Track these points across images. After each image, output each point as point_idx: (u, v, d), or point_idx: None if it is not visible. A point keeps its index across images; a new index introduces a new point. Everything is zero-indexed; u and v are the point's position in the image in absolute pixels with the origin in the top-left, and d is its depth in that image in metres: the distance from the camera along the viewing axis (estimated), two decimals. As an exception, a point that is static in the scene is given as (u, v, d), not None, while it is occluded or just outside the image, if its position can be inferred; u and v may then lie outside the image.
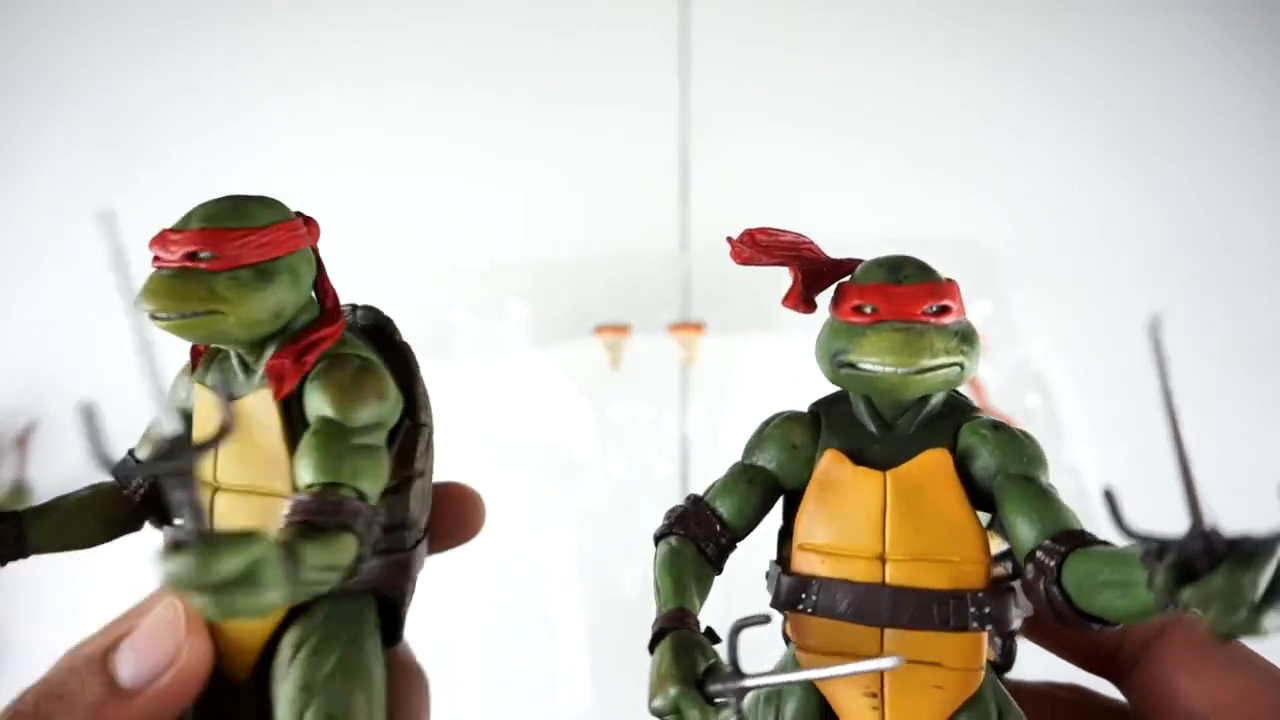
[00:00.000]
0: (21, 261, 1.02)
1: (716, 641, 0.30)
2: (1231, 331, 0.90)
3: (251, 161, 1.02)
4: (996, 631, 0.31)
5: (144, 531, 0.37)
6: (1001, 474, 0.31)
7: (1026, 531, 0.29)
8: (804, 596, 0.32)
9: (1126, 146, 0.96)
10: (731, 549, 0.34)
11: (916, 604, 0.30)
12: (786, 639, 0.34)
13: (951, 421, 0.33)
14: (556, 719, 0.81)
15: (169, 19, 1.06)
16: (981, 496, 0.32)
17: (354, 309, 0.41)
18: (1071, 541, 0.28)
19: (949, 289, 0.32)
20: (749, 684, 0.27)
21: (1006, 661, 0.35)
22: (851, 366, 0.31)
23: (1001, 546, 0.32)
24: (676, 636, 0.29)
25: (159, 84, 1.05)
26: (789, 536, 0.34)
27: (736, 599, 0.36)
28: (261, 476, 0.34)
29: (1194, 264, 0.93)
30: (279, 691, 0.31)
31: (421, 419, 0.37)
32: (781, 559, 0.34)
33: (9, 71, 1.06)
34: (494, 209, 0.98)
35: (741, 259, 0.35)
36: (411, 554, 0.36)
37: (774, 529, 0.35)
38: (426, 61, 1.02)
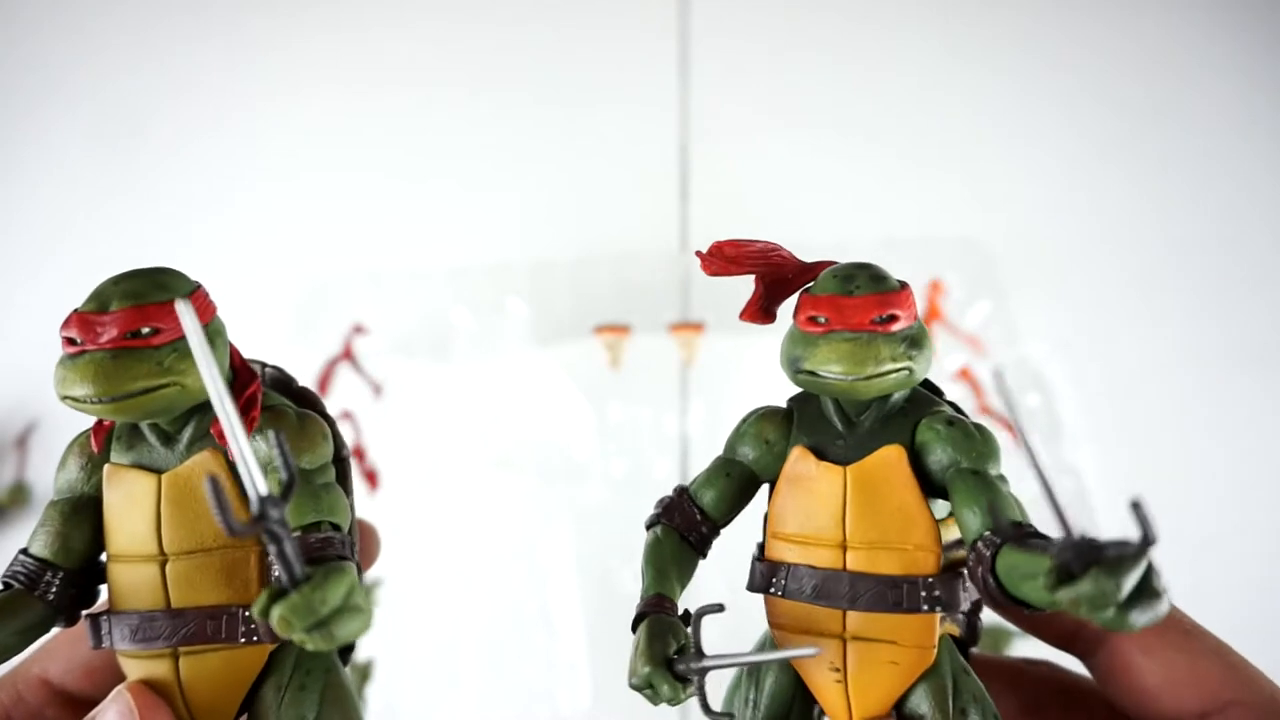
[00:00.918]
0: (21, 261, 1.02)
1: (690, 624, 0.34)
2: (1231, 331, 0.90)
3: (251, 162, 1.02)
4: (946, 613, 0.34)
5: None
6: (953, 467, 0.33)
7: (972, 521, 0.32)
8: (775, 580, 0.35)
9: (1126, 147, 0.96)
10: (714, 535, 0.38)
11: (873, 588, 0.33)
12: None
13: (911, 418, 0.35)
14: (556, 719, 0.81)
15: (169, 20, 1.06)
16: (938, 488, 0.34)
17: (262, 365, 0.41)
18: (1009, 533, 0.30)
19: (897, 298, 0.34)
20: (709, 664, 0.32)
21: (971, 637, 0.37)
22: (808, 373, 0.34)
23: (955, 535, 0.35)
24: (652, 621, 0.33)
25: (159, 84, 1.05)
26: (764, 532, 0.37)
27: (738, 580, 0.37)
28: (205, 538, 0.34)
29: (1193, 264, 0.93)
30: None
31: (344, 454, 0.40)
32: (761, 545, 0.37)
33: (9, 71, 1.06)
34: (494, 209, 0.98)
35: (711, 271, 0.37)
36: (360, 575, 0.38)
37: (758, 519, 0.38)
38: (426, 62, 1.02)
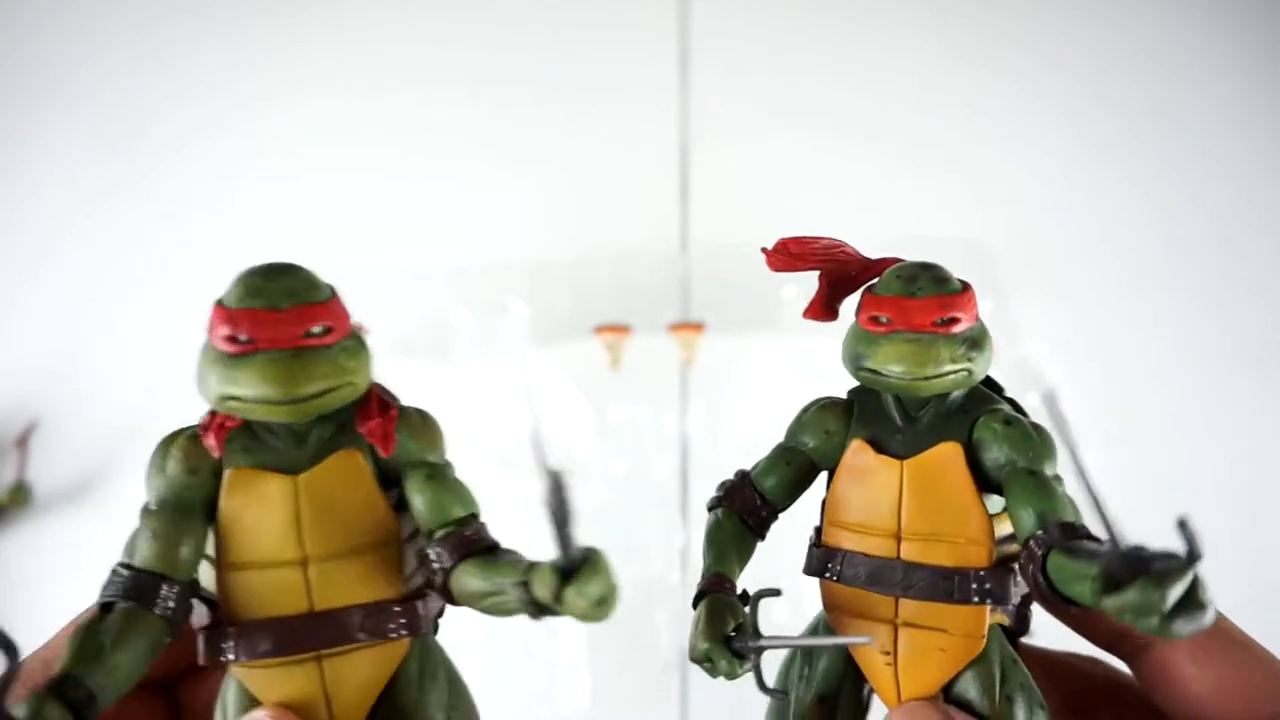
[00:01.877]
0: (22, 261, 1.02)
1: (748, 603, 0.35)
2: (1231, 332, 0.90)
3: (251, 161, 1.02)
4: (997, 605, 0.35)
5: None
6: (1010, 466, 0.34)
7: (1026, 520, 0.33)
8: (830, 565, 0.37)
9: (1127, 146, 0.96)
10: (773, 519, 0.39)
11: (926, 578, 0.35)
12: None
13: (970, 415, 0.36)
14: (556, 719, 0.81)
15: (169, 20, 1.06)
16: (993, 485, 0.35)
17: None
18: (1061, 532, 0.31)
19: (959, 300, 0.35)
20: (765, 644, 0.34)
21: (1021, 627, 0.38)
22: (869, 370, 0.35)
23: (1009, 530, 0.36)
24: (712, 599, 0.35)
25: (159, 84, 1.05)
26: (821, 519, 0.39)
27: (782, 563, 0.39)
28: (350, 537, 0.34)
29: (1193, 264, 0.93)
30: None
31: None
32: (818, 530, 0.39)
33: (8, 71, 1.06)
34: (494, 209, 0.98)
35: (775, 267, 0.38)
36: None
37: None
38: (426, 62, 1.02)
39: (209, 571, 0.34)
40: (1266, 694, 0.32)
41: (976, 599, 0.34)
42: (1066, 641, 0.40)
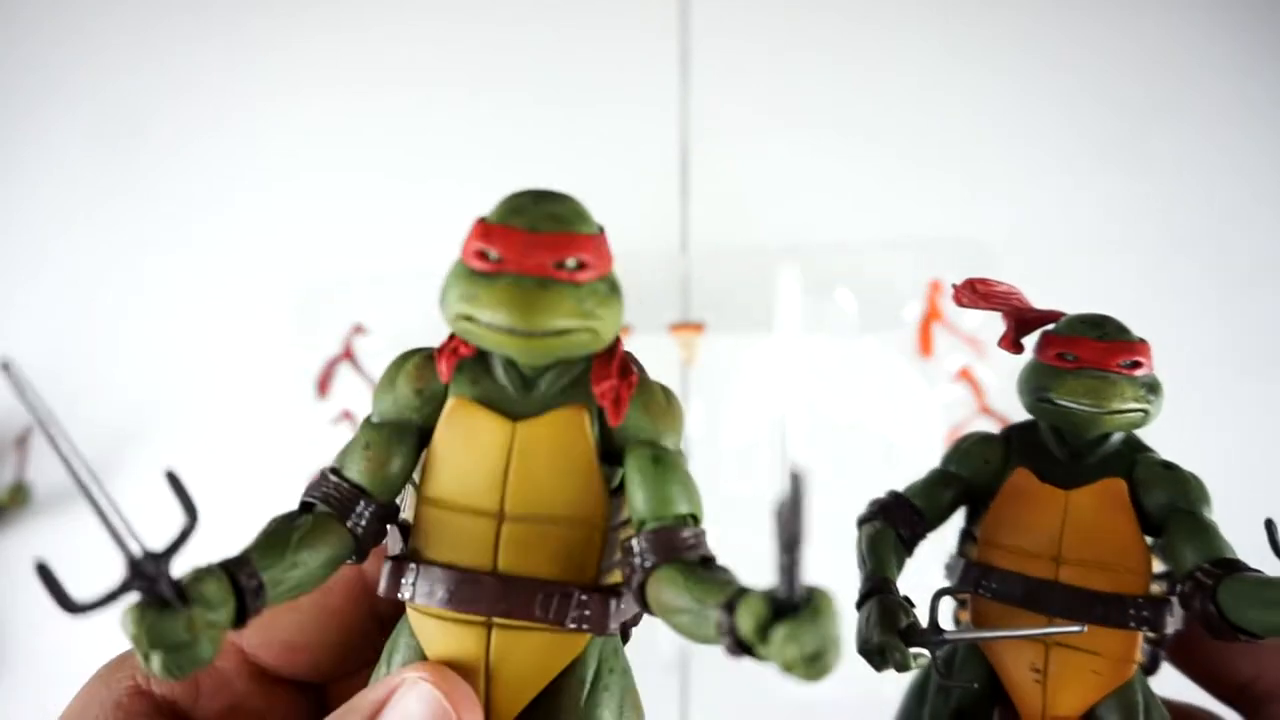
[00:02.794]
0: (21, 261, 1.02)
1: (912, 607, 0.37)
2: (1232, 332, 0.90)
3: (251, 162, 1.02)
4: (1151, 631, 0.37)
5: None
6: (1171, 506, 0.37)
7: (1189, 555, 0.35)
8: (984, 582, 0.39)
9: (1126, 146, 0.96)
10: (922, 537, 0.41)
11: (1083, 601, 0.37)
12: (955, 621, 0.42)
13: (1128, 457, 0.39)
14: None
15: (169, 20, 1.06)
16: (1149, 523, 0.38)
17: None
18: (1228, 567, 0.34)
19: (1142, 347, 0.38)
20: (952, 637, 0.36)
21: (1152, 666, 0.40)
22: (1049, 402, 0.38)
23: (1160, 569, 0.38)
24: (884, 599, 0.37)
25: (159, 84, 1.05)
26: (970, 536, 0.41)
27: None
28: (552, 504, 0.31)
29: (1194, 264, 0.93)
30: None
31: None
32: (963, 554, 0.41)
33: (9, 72, 1.06)
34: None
35: (961, 303, 0.41)
36: None
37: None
38: (426, 62, 1.02)
39: (413, 498, 0.32)
40: None
41: (1133, 624, 0.36)
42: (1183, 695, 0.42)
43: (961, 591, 0.40)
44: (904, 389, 0.88)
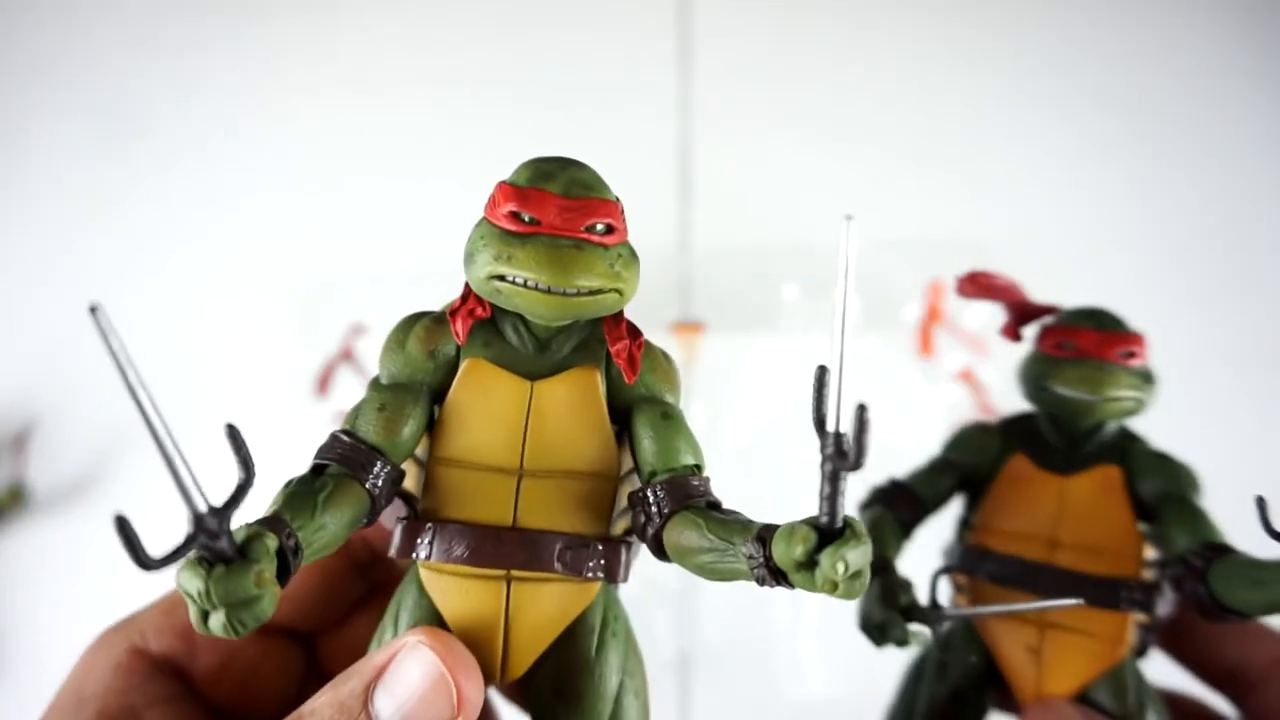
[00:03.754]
0: (23, 261, 1.02)
1: (911, 587, 0.38)
2: (1231, 331, 0.90)
3: (251, 163, 1.02)
4: (1143, 613, 0.38)
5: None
6: (1164, 493, 0.39)
7: (1182, 540, 0.37)
8: (982, 566, 0.40)
9: (1126, 146, 0.96)
10: (921, 521, 0.43)
11: (1077, 583, 0.38)
12: (953, 606, 0.42)
13: (1123, 446, 0.41)
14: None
15: (171, 23, 1.06)
16: (1143, 510, 0.39)
17: None
18: (1219, 550, 0.35)
19: (1137, 339, 0.39)
20: (953, 613, 0.37)
21: (1142, 649, 0.41)
22: (1048, 390, 0.39)
23: (1152, 555, 0.39)
24: (885, 577, 0.38)
25: (161, 86, 1.05)
26: (968, 522, 0.42)
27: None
28: (569, 459, 0.32)
29: (1194, 263, 0.93)
30: (588, 678, 0.32)
31: None
32: (961, 539, 0.42)
33: (11, 73, 1.06)
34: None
35: (964, 294, 0.43)
36: None
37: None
38: (426, 64, 1.02)
39: (412, 467, 0.32)
40: None
41: (1125, 606, 0.38)
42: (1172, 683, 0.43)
43: (960, 573, 0.42)
44: (904, 389, 0.88)
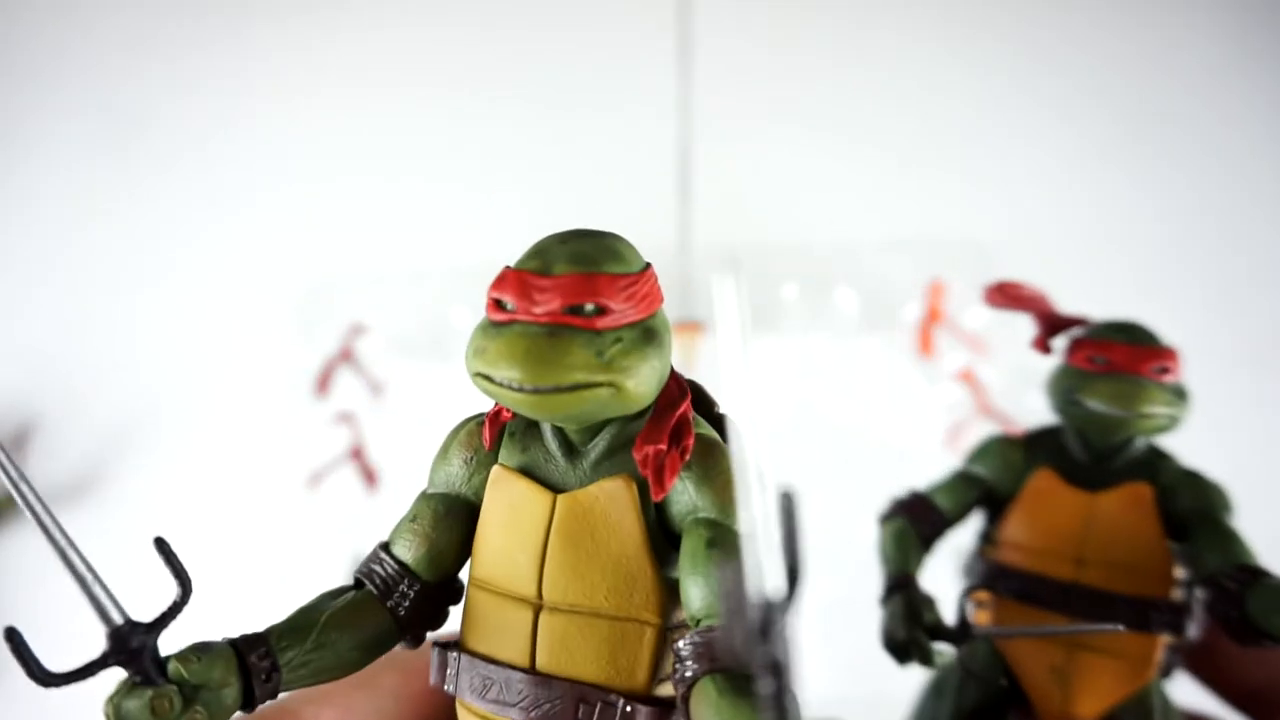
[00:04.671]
0: (24, 261, 1.02)
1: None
2: (1231, 331, 0.90)
3: (252, 163, 1.02)
4: (1174, 635, 0.37)
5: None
6: (1197, 513, 0.38)
7: (1214, 560, 0.36)
8: (1005, 583, 0.39)
9: (1126, 146, 0.96)
10: (941, 536, 0.42)
11: (1106, 603, 0.37)
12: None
13: (1153, 463, 0.40)
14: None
15: (172, 23, 1.05)
16: (1173, 529, 0.38)
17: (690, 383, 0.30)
18: (1252, 573, 0.34)
19: (1171, 355, 0.39)
20: (977, 634, 0.36)
21: (1166, 671, 0.41)
22: (1078, 404, 0.39)
23: (1180, 575, 0.39)
24: (909, 594, 0.37)
25: (162, 87, 1.05)
26: (989, 537, 0.42)
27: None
28: (593, 593, 0.26)
29: (1194, 263, 0.93)
30: None
31: None
32: (983, 554, 0.41)
33: (9, 71, 1.06)
34: (494, 210, 0.98)
35: (992, 304, 0.43)
36: None
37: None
38: (427, 65, 1.02)
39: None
40: None
41: (1157, 628, 0.37)
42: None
43: (982, 590, 0.41)
44: (904, 389, 0.88)
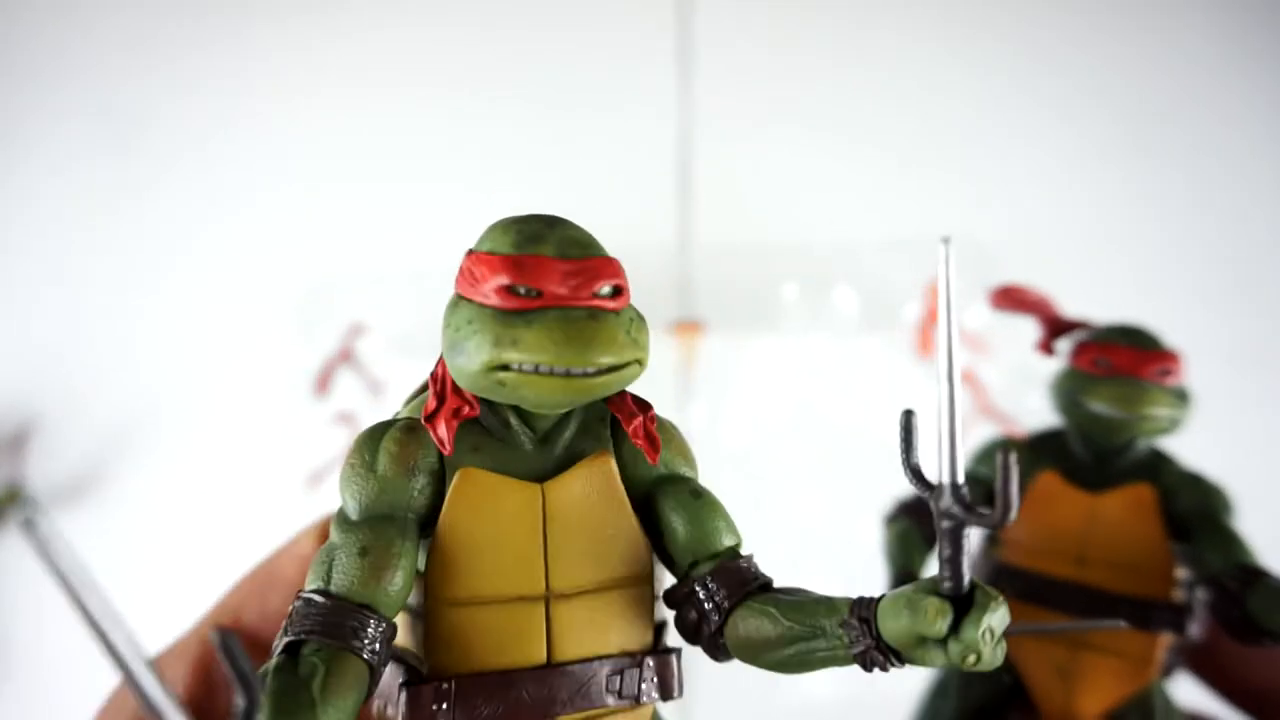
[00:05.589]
0: (25, 261, 1.02)
1: None
2: (1231, 331, 0.90)
3: (252, 163, 1.02)
4: (1176, 634, 0.38)
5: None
6: (1199, 514, 0.38)
7: (1215, 560, 0.36)
8: (1008, 582, 0.40)
9: (1126, 146, 0.96)
10: None
11: (1108, 602, 0.38)
12: None
13: (1154, 465, 0.40)
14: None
15: (171, 20, 1.05)
16: (1175, 530, 0.39)
17: None
18: (1253, 573, 0.35)
19: (1173, 358, 0.39)
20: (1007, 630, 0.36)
21: (1168, 671, 0.41)
22: (1082, 406, 0.39)
23: (1182, 575, 0.39)
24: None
25: (162, 86, 1.05)
26: (992, 538, 0.42)
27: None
28: (602, 569, 0.26)
29: (1194, 262, 0.93)
30: None
31: None
32: (986, 553, 0.42)
33: (9, 72, 1.06)
34: (494, 209, 0.97)
35: (997, 307, 0.44)
36: None
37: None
38: (426, 64, 1.02)
39: (400, 618, 0.26)
40: None
41: (1158, 627, 0.37)
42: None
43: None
44: (904, 389, 0.88)
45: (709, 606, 0.26)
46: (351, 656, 0.23)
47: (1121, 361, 0.39)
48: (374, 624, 0.24)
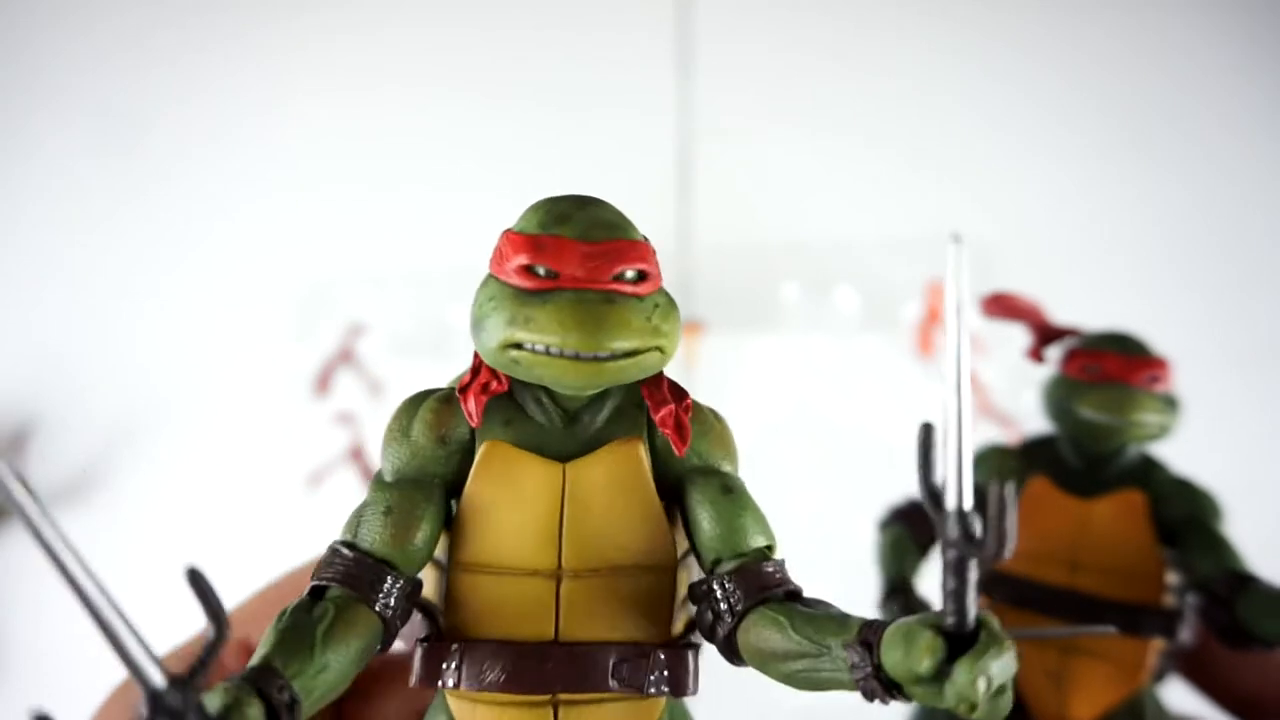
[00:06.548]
0: (25, 262, 1.02)
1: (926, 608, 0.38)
2: (1231, 331, 0.90)
3: (252, 164, 1.02)
4: (1166, 640, 0.38)
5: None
6: (1188, 520, 0.39)
7: (1205, 566, 0.37)
8: (1000, 588, 0.40)
9: (1125, 145, 0.96)
10: (936, 543, 0.43)
11: (1100, 608, 0.38)
12: None
13: (1144, 471, 0.41)
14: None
15: (171, 22, 1.05)
16: (1165, 536, 0.39)
17: None
18: (1242, 579, 0.35)
19: (1162, 365, 0.40)
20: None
21: (1159, 676, 0.41)
22: (1073, 414, 0.39)
23: (1173, 580, 0.39)
24: (905, 597, 0.40)
25: (162, 88, 1.05)
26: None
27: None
28: (617, 553, 0.27)
29: (1192, 262, 0.93)
30: None
31: None
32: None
33: (10, 73, 1.06)
34: (493, 210, 0.97)
35: (988, 313, 0.44)
36: None
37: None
38: (426, 65, 1.02)
39: (431, 573, 0.28)
40: None
41: (1149, 632, 0.37)
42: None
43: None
44: (904, 389, 0.88)
45: (723, 607, 0.25)
46: (364, 608, 0.25)
47: (1111, 368, 0.39)
48: (391, 579, 0.25)
